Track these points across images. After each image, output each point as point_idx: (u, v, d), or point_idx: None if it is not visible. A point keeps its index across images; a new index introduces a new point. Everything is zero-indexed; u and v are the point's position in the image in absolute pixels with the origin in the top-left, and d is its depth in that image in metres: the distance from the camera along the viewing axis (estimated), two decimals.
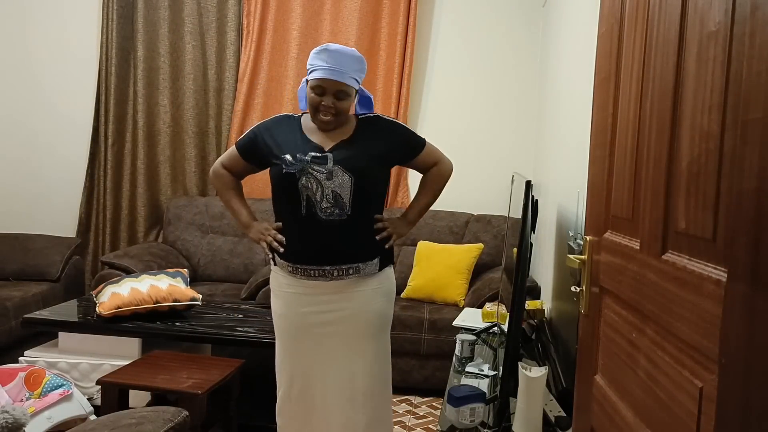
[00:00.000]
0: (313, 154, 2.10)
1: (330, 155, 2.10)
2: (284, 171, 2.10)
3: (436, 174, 2.30)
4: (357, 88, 2.15)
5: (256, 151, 2.22)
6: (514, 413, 1.98)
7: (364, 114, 2.26)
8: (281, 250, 2.14)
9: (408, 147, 2.25)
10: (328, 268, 2.11)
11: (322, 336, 2.16)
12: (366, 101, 2.29)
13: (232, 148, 2.30)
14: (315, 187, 2.08)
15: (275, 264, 2.24)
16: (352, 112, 2.24)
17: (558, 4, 3.63)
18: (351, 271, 2.12)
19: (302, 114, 2.25)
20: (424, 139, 2.28)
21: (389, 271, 2.26)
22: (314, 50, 2.12)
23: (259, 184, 4.39)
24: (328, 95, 2.07)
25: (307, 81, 2.15)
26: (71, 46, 4.55)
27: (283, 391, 2.23)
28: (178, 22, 4.45)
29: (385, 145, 2.18)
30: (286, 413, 2.24)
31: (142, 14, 4.41)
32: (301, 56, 4.38)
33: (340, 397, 2.15)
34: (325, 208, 2.08)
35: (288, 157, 2.10)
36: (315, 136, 2.16)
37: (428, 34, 4.45)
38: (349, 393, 2.16)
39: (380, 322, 2.21)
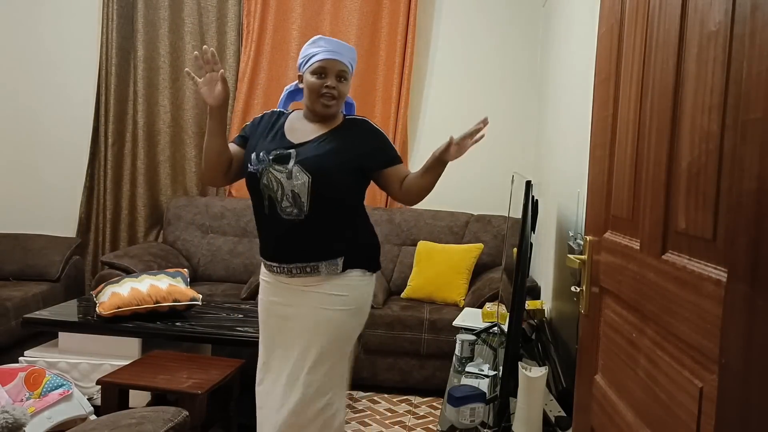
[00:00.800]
0: (276, 152, 2.09)
1: (293, 153, 2.08)
2: (248, 170, 2.12)
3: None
4: (351, 76, 2.16)
5: (244, 144, 2.24)
6: (514, 413, 1.98)
7: (351, 115, 2.25)
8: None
9: (385, 154, 2.17)
10: (285, 265, 2.10)
11: (279, 329, 2.16)
12: (349, 106, 2.30)
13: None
14: (276, 186, 2.07)
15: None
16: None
17: (558, 4, 3.63)
18: (309, 270, 2.09)
19: (293, 111, 2.25)
20: (399, 157, 2.22)
21: (358, 280, 2.13)
22: (307, 43, 2.13)
23: None
24: (331, 76, 2.08)
25: (299, 77, 2.16)
26: (71, 46, 4.55)
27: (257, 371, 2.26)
28: (178, 22, 4.45)
29: (360, 148, 2.12)
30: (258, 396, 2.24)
31: (142, 14, 4.41)
32: None
33: (280, 396, 2.12)
34: (285, 207, 2.06)
35: (252, 155, 2.12)
36: (292, 132, 2.15)
37: (428, 34, 4.45)
38: (285, 398, 2.10)
39: (331, 332, 2.09)
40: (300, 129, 2.16)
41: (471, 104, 4.43)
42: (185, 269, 3.50)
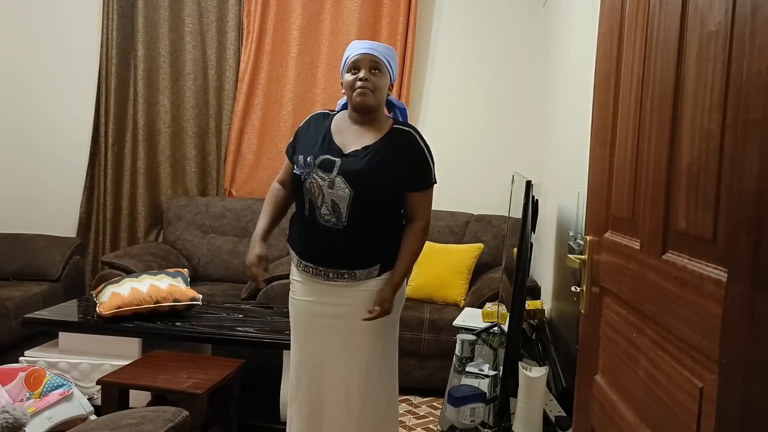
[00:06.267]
0: (323, 157, 2.11)
1: (338, 162, 2.09)
2: (294, 171, 2.16)
3: (415, 231, 2.18)
4: (390, 72, 2.16)
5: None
6: (514, 413, 1.98)
7: (401, 122, 2.23)
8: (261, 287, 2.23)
9: (419, 182, 2.16)
10: (322, 269, 2.14)
11: (322, 327, 2.19)
12: (402, 112, 2.30)
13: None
14: (317, 192, 2.10)
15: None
16: (387, 113, 2.23)
17: (558, 4, 3.63)
18: (346, 276, 2.14)
19: (338, 112, 2.25)
20: (432, 182, 2.19)
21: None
22: (347, 51, 2.18)
23: (259, 183, 4.39)
24: (363, 69, 2.10)
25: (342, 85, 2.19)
26: (71, 46, 4.55)
27: (292, 378, 2.27)
28: (178, 22, 4.45)
29: (403, 169, 2.13)
30: (294, 400, 2.26)
31: (142, 14, 4.41)
32: (301, 56, 4.37)
33: (335, 392, 2.18)
34: (324, 215, 2.10)
35: (300, 158, 2.15)
36: (340, 136, 2.16)
37: (428, 34, 4.45)
38: (344, 391, 2.18)
39: (378, 324, 2.17)
40: (346, 131, 2.17)
41: (471, 104, 4.43)
42: (185, 269, 3.50)
